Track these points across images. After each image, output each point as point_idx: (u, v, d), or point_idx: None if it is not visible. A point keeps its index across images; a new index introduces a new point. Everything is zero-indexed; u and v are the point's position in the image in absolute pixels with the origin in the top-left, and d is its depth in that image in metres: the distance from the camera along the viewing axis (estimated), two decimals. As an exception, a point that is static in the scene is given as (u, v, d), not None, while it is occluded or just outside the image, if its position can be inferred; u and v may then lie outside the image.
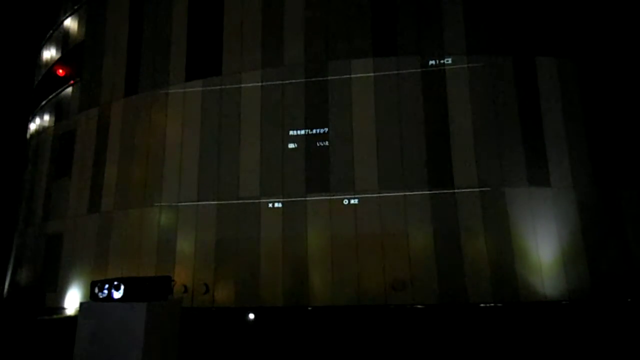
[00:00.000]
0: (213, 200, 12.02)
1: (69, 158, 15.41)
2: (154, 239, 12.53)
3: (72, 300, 13.72)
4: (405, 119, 11.31)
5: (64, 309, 13.82)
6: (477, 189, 10.86)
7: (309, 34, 12.17)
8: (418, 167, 11.05)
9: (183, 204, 12.38)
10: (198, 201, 12.19)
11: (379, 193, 11.02)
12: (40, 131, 17.97)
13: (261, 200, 11.58)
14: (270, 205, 11.49)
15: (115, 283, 5.42)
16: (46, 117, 17.71)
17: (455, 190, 10.86)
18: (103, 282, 5.52)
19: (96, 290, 5.51)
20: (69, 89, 16.52)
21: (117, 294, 5.39)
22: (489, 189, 10.86)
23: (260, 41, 12.50)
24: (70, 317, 12.66)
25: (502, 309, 10.07)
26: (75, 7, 17.02)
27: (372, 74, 11.62)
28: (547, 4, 11.90)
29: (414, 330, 9.04)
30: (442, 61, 11.56)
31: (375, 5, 12.00)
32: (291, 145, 11.68)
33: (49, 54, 18.63)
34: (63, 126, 16.37)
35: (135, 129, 13.82)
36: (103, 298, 5.46)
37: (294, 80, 12.00)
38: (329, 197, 11.18)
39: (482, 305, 10.21)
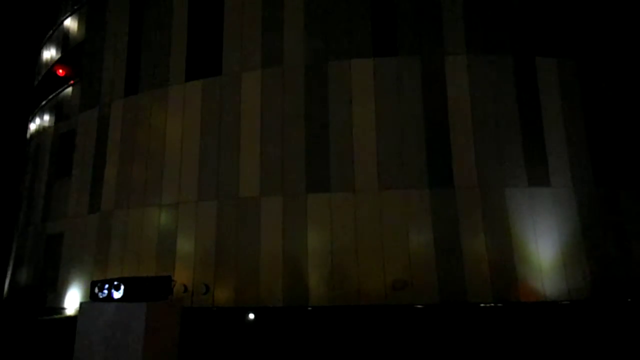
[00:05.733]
0: (213, 199, 12.02)
1: (69, 158, 15.41)
2: (154, 239, 12.53)
3: (72, 300, 13.71)
4: (405, 119, 11.31)
5: (64, 309, 13.82)
6: (477, 189, 10.86)
7: (309, 34, 12.16)
8: (418, 167, 11.04)
9: (183, 204, 12.38)
10: (198, 201, 12.19)
11: (379, 192, 11.01)
12: (40, 131, 17.98)
13: (261, 200, 11.57)
14: (270, 204, 11.48)
15: (115, 283, 5.43)
16: (46, 117, 17.71)
17: (455, 190, 10.86)
18: (103, 282, 5.52)
19: (96, 290, 5.52)
20: (69, 89, 16.52)
21: (117, 294, 5.40)
22: (489, 188, 10.86)
23: (260, 41, 12.49)
24: (70, 317, 12.66)
25: (502, 309, 10.07)
26: (75, 7, 17.03)
27: (372, 74, 11.61)
28: (547, 3, 11.90)
29: (414, 330, 9.04)
30: (442, 61, 11.55)
31: (375, 5, 11.99)
32: (291, 145, 11.66)
33: (49, 54, 18.64)
34: (63, 126, 16.38)
35: (135, 129, 13.82)
36: (103, 298, 5.47)
37: (294, 80, 11.99)
38: (329, 197, 11.17)
39: (482, 305, 10.21)
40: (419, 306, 10.29)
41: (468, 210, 10.73)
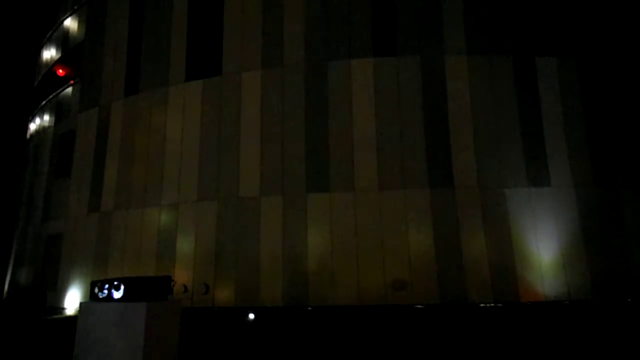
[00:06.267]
0: (213, 199, 12.01)
1: (69, 158, 15.41)
2: (154, 239, 12.53)
3: (72, 300, 13.71)
4: (405, 119, 11.30)
5: (64, 308, 13.82)
6: (477, 189, 10.86)
7: (309, 34, 12.16)
8: (418, 167, 11.04)
9: (183, 204, 12.37)
10: (198, 201, 12.19)
11: (379, 193, 11.01)
12: (40, 131, 17.98)
13: (261, 200, 11.57)
14: (270, 204, 11.48)
15: (115, 283, 5.43)
16: (46, 117, 17.72)
17: (455, 190, 10.86)
18: (103, 282, 5.53)
19: (96, 290, 5.52)
20: (69, 89, 16.52)
21: (117, 294, 5.40)
22: (489, 189, 10.86)
23: (260, 41, 12.49)
24: (70, 317, 12.66)
25: (502, 309, 10.07)
26: (75, 7, 17.03)
27: (372, 74, 11.61)
28: (548, 3, 11.89)
29: (414, 330, 9.04)
30: (442, 61, 11.54)
31: (375, 5, 11.99)
32: (291, 145, 11.66)
33: (49, 54, 18.64)
34: (63, 126, 16.38)
35: (135, 129, 13.82)
36: (103, 298, 5.47)
37: (294, 80, 11.99)
38: (329, 197, 11.17)
39: (482, 305, 10.21)
40: (419, 306, 10.29)
41: (468, 210, 10.73)
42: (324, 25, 12.10)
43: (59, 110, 16.87)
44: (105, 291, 5.45)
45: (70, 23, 17.30)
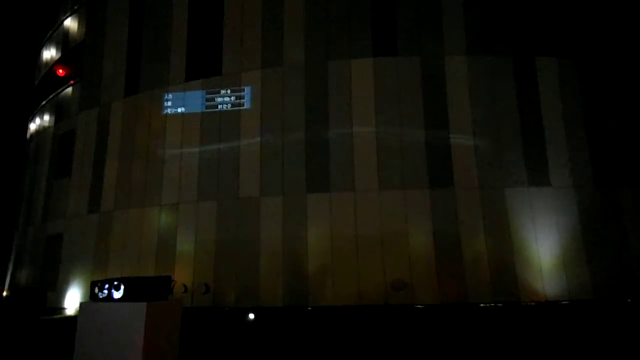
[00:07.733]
0: (213, 199, 12.01)
1: (69, 158, 15.41)
2: (154, 239, 12.53)
3: (72, 300, 13.71)
4: (405, 119, 11.31)
5: (64, 308, 13.82)
6: (477, 189, 10.86)
7: (309, 34, 12.16)
8: (418, 167, 11.04)
9: (183, 204, 12.37)
10: (198, 201, 12.19)
11: (379, 193, 11.01)
12: (40, 131, 17.98)
13: (261, 200, 11.57)
14: (270, 204, 11.48)
15: (115, 283, 5.42)
16: (46, 117, 17.72)
17: (455, 190, 10.86)
18: (103, 282, 5.52)
19: (96, 290, 5.51)
20: (69, 89, 16.52)
21: (117, 294, 5.40)
22: (489, 189, 10.86)
23: (260, 41, 12.49)
24: (70, 317, 12.66)
25: (502, 309, 10.07)
26: (75, 7, 17.03)
27: (372, 74, 11.61)
28: (548, 3, 11.90)
29: (414, 330, 9.04)
30: (442, 61, 11.55)
31: (375, 5, 11.99)
32: (291, 145, 11.67)
33: (49, 54, 18.64)
34: (63, 126, 16.38)
35: (135, 129, 13.82)
36: (103, 298, 5.46)
37: (294, 80, 12.00)
38: (329, 196, 11.17)
39: (482, 305, 10.21)
40: (419, 306, 10.29)
41: (468, 210, 10.73)
42: (324, 25, 12.10)
43: (59, 110, 16.86)
44: (105, 291, 5.45)
45: (70, 23, 17.30)
